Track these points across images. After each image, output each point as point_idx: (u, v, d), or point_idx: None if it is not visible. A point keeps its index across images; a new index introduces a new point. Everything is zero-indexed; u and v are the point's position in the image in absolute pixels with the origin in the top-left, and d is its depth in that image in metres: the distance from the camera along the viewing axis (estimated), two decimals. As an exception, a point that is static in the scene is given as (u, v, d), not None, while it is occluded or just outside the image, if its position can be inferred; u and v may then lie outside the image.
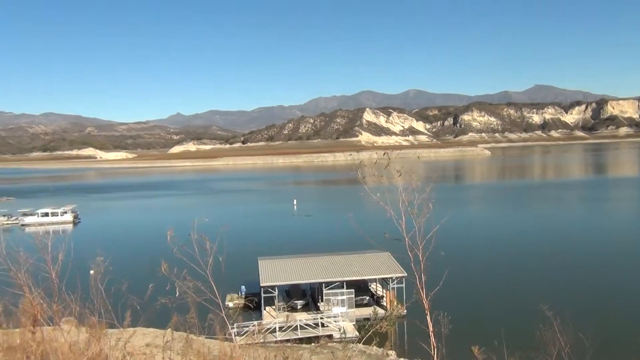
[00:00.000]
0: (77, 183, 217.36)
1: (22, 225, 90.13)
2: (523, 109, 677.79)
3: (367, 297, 43.78)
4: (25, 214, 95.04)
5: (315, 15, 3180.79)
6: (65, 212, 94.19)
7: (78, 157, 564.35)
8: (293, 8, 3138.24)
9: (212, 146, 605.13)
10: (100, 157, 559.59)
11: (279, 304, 41.68)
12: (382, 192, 7.36)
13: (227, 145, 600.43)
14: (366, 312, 40.59)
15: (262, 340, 10.90)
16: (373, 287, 46.66)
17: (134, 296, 8.06)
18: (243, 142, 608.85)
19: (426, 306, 6.47)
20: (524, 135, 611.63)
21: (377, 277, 44.07)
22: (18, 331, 7.04)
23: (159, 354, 9.74)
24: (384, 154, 7.34)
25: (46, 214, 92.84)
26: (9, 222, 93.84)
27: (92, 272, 7.62)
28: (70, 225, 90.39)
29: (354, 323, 38.78)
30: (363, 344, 9.47)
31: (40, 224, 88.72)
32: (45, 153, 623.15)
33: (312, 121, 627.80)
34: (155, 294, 8.01)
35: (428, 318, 6.51)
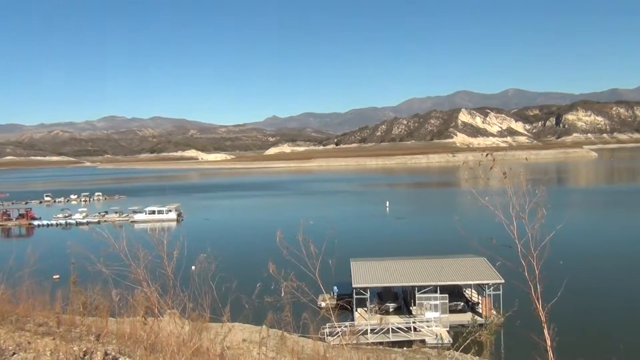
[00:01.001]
0: (180, 183, 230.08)
1: (132, 221, 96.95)
2: (635, 108, 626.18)
3: (462, 303, 42.47)
4: (134, 211, 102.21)
5: (410, 15, 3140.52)
6: (170, 211, 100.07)
7: (182, 158, 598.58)
8: (387, 9, 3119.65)
9: (306, 148, 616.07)
10: (202, 158, 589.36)
11: (371, 306, 41.56)
12: (490, 195, 7.00)
13: (321, 147, 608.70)
14: (460, 318, 39.39)
15: (354, 342, 10.89)
16: (468, 292, 45.20)
17: (237, 293, 8.36)
18: (336, 144, 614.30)
19: (543, 319, 6.08)
20: (636, 135, 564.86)
21: (472, 282, 42.57)
22: (128, 320, 7.54)
23: (255, 349, 10.03)
24: (487, 154, 6.94)
25: (153, 212, 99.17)
26: (120, 218, 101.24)
27: (193, 267, 7.97)
28: (175, 223, 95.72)
29: (448, 329, 37.79)
30: (459, 351, 9.14)
31: (148, 221, 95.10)
32: (152, 154, 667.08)
33: (405, 122, 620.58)
34: (258, 292, 8.25)
35: (546, 332, 6.12)
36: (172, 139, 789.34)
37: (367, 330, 34.78)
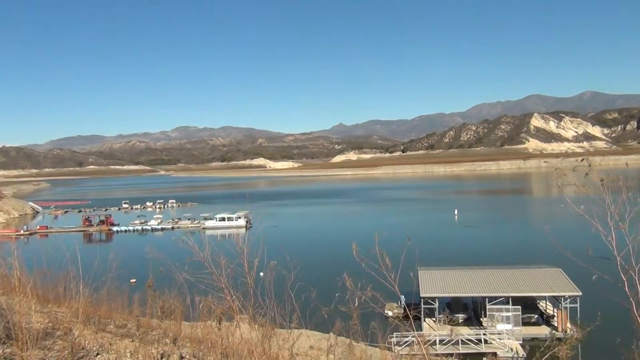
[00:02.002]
0: (249, 191, 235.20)
1: (203, 228, 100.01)
2: None
3: (536, 316, 40.73)
4: (205, 218, 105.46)
5: (479, 15, 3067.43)
6: (240, 218, 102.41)
7: (250, 166, 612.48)
8: (453, 11, 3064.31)
9: (372, 155, 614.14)
10: (270, 166, 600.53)
11: (439, 316, 40.70)
12: (585, 203, 6.57)
13: (387, 154, 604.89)
14: (534, 331, 37.82)
15: (422, 352, 10.70)
16: (542, 305, 43.32)
17: (306, 300, 8.42)
18: (403, 151, 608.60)
19: None
20: None
21: (547, 294, 40.77)
22: (202, 325, 7.78)
23: (322, 356, 10.07)
24: (582, 160, 6.48)
25: (223, 219, 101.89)
26: (192, 225, 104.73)
27: (262, 274, 8.10)
28: (244, 230, 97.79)
29: (521, 342, 36.34)
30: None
31: (218, 228, 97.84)
32: (222, 163, 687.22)
33: (474, 128, 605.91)
34: (327, 300, 8.29)
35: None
36: (241, 148, 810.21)
37: (435, 341, 34.07)
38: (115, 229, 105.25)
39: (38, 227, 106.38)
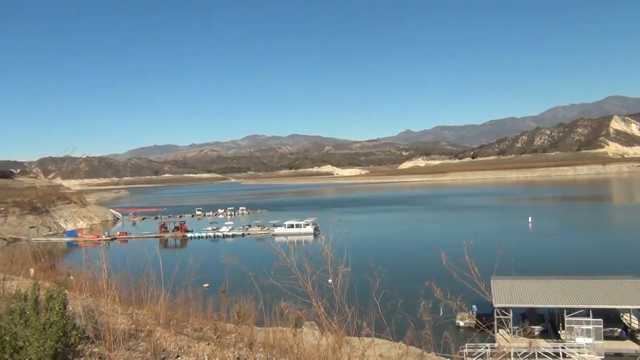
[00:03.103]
0: (316, 198, 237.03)
1: (272, 235, 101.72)
2: None
3: (619, 330, 38.35)
4: (275, 225, 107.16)
5: (548, 11, 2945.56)
6: (308, 225, 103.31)
7: (318, 173, 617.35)
8: (522, 11, 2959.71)
9: (441, 161, 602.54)
10: (337, 174, 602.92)
11: (514, 327, 39.20)
12: None
13: (456, 160, 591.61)
14: (618, 346, 35.65)
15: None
16: (626, 318, 40.75)
17: (378, 308, 8.36)
18: (472, 157, 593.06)
19: None
20: None
21: (632, 307, 38.32)
22: (273, 330, 7.91)
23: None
24: None
25: (292, 226, 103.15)
26: (262, 231, 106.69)
27: (330, 280, 8.09)
28: (311, 237, 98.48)
29: (602, 357, 34.38)
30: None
31: (287, 234, 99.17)
32: (290, 170, 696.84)
33: (548, 132, 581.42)
34: (397, 308, 8.20)
35: None
36: (309, 156, 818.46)
37: (510, 353, 32.84)
38: (189, 235, 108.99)
39: (118, 233, 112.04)
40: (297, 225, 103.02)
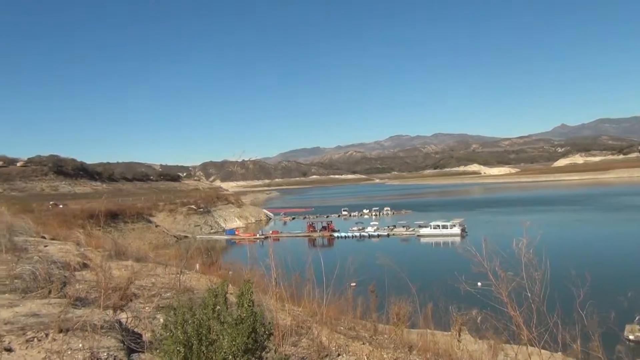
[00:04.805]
0: (463, 198, 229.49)
1: (418, 235, 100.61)
2: None
3: None
4: (420, 226, 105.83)
5: None
6: (454, 225, 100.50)
7: (464, 173, 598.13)
8: None
9: (602, 158, 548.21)
10: (484, 173, 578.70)
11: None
12: None
13: (620, 156, 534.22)
14: None
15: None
16: None
17: (550, 316, 7.82)
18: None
19: None
20: None
21: None
22: (427, 332, 7.83)
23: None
24: None
25: (437, 226, 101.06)
26: (407, 232, 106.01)
27: (479, 284, 7.73)
28: (458, 238, 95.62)
29: None
30: None
31: (433, 235, 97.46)
32: (435, 170, 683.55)
33: None
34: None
35: None
36: (454, 154, 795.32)
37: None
38: (336, 234, 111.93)
39: (271, 232, 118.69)
40: (444, 226, 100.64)
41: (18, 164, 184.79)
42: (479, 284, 7.69)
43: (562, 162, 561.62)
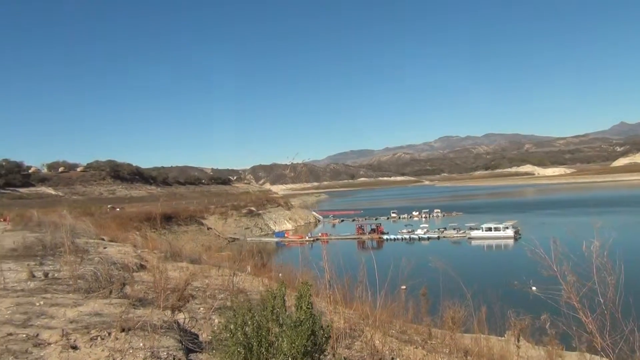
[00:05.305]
0: (515, 200, 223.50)
1: (469, 238, 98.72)
2: None
3: None
4: (471, 228, 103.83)
5: None
6: (507, 228, 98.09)
7: (517, 174, 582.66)
8: None
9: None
10: (538, 173, 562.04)
11: None
12: None
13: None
14: None
15: None
16: None
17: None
18: None
19: None
20: None
21: None
22: (481, 337, 7.69)
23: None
24: None
25: (489, 229, 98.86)
26: (458, 234, 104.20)
27: (534, 288, 7.52)
28: (512, 241, 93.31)
29: None
30: None
31: (484, 238, 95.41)
32: (486, 171, 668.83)
33: None
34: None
35: None
36: (506, 155, 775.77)
37: None
38: (385, 237, 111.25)
39: (320, 234, 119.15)
40: (496, 229, 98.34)
41: (78, 169, 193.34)
42: (534, 288, 7.48)
43: (621, 162, 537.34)
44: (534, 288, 7.54)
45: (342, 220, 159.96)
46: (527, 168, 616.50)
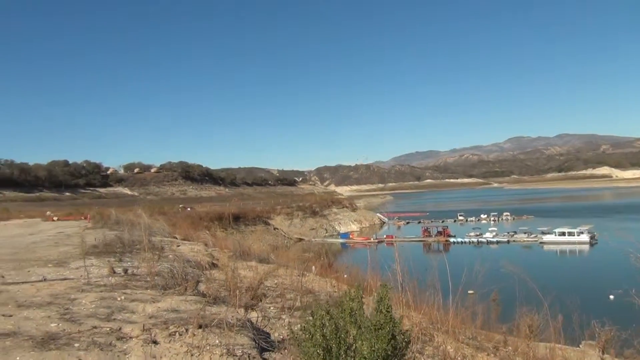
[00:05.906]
0: (591, 203, 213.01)
1: (541, 242, 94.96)
2: None
3: None
4: (543, 232, 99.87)
5: None
6: (582, 233, 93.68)
7: (592, 176, 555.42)
8: None
9: None
10: (616, 176, 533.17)
11: None
12: None
13: None
14: None
15: None
16: None
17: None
18: None
19: None
20: None
21: None
22: (555, 347, 7.41)
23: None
24: None
25: (563, 233, 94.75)
26: (529, 239, 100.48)
27: (612, 297, 7.19)
28: (587, 246, 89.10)
29: None
30: None
31: (557, 243, 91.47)
32: (559, 173, 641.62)
33: None
34: None
35: None
36: (581, 156, 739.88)
37: None
38: (452, 240, 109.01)
39: (385, 236, 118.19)
40: (570, 233, 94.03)
41: (152, 170, 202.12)
42: (611, 297, 7.17)
43: None
44: (611, 297, 7.24)
45: (408, 222, 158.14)
46: (604, 170, 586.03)
